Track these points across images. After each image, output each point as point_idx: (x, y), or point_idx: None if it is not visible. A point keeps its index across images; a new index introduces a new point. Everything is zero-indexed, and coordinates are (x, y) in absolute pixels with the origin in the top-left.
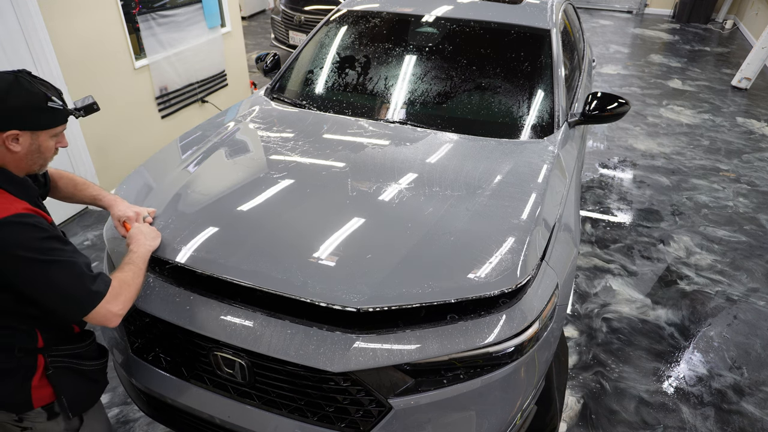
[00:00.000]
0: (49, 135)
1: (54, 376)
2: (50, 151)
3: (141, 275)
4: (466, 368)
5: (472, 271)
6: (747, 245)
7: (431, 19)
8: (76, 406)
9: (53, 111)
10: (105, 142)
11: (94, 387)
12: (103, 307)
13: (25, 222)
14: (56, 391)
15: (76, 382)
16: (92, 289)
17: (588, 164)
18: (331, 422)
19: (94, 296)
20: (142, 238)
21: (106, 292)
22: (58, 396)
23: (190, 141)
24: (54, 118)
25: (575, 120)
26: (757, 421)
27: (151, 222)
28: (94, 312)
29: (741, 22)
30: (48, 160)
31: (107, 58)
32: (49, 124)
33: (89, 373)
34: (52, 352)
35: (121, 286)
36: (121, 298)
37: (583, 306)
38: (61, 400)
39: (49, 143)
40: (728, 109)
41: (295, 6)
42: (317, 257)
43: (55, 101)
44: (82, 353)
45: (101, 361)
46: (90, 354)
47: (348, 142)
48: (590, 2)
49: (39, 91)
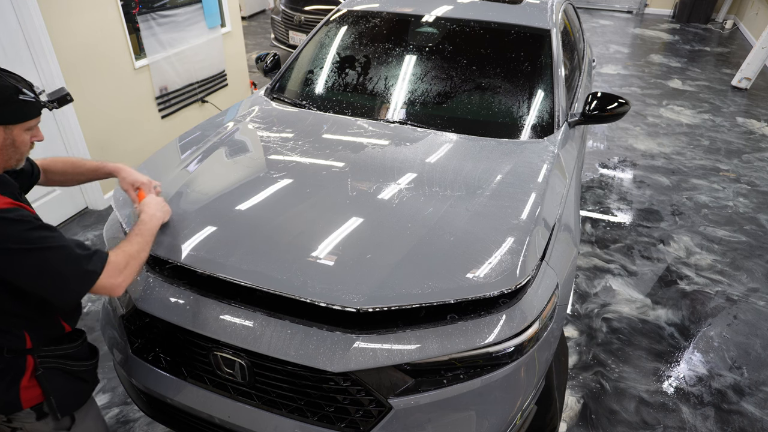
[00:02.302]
0: (23, 129)
1: (43, 377)
2: (25, 145)
3: (147, 248)
4: (466, 368)
5: (472, 271)
6: (747, 245)
7: (431, 19)
8: (65, 407)
9: (25, 104)
10: (105, 142)
11: (84, 387)
12: (104, 280)
13: (9, 217)
14: (45, 391)
15: (65, 383)
16: (88, 268)
17: (588, 164)
18: (331, 422)
19: (91, 275)
20: (153, 208)
21: (102, 269)
22: (47, 397)
23: (190, 141)
24: (26, 111)
25: (575, 120)
26: (757, 421)
27: (159, 192)
28: (96, 287)
29: (741, 22)
30: (24, 155)
31: (107, 58)
32: (21, 117)
33: (79, 373)
34: (41, 353)
35: (126, 259)
36: (126, 272)
37: (583, 306)
38: (50, 401)
39: (23, 137)
40: (728, 109)
41: (295, 6)
42: (317, 257)
43: (27, 94)
44: (72, 354)
45: (91, 362)
46: (80, 354)
47: (348, 142)
48: (590, 2)
49: (9, 84)
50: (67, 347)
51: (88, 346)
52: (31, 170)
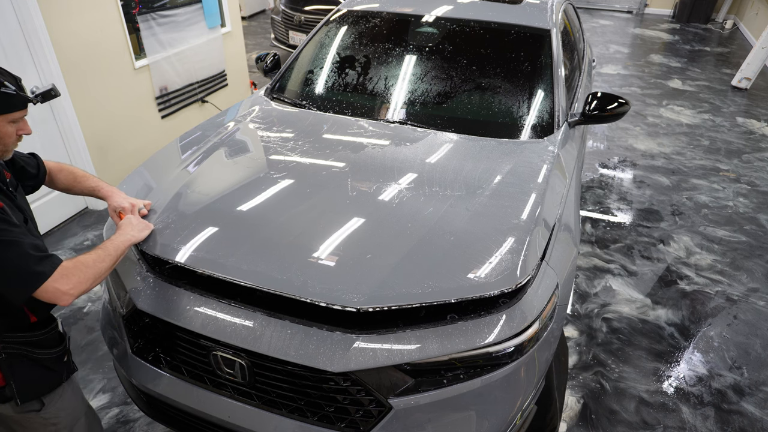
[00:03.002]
0: (6, 121)
1: (4, 362)
2: (10, 137)
3: (108, 260)
4: (466, 368)
5: (472, 271)
6: (747, 245)
7: (431, 19)
8: (26, 393)
9: (6, 96)
10: (105, 142)
11: (48, 374)
12: (50, 285)
13: None
14: (5, 376)
15: (28, 370)
16: (36, 269)
17: (588, 164)
18: (331, 422)
19: (38, 276)
20: (127, 228)
21: (52, 272)
22: (7, 382)
23: (190, 141)
24: (7, 103)
25: (575, 120)
26: (757, 421)
27: (146, 214)
28: (41, 290)
29: (741, 22)
30: (9, 146)
31: (107, 58)
32: (3, 109)
33: (44, 361)
34: (4, 338)
35: (76, 266)
36: (73, 279)
37: (583, 306)
38: (11, 386)
39: (7, 129)
40: (728, 109)
41: (295, 6)
42: (317, 257)
43: (8, 86)
44: (37, 341)
45: (57, 349)
46: (46, 343)
47: (348, 142)
48: (590, 2)
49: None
50: (32, 335)
51: (57, 333)
52: (37, 170)
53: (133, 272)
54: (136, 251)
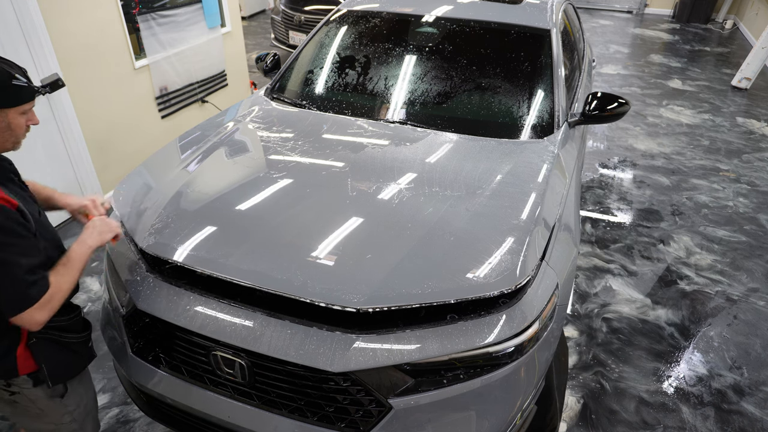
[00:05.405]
0: (18, 112)
1: (35, 346)
2: (21, 128)
3: (75, 276)
4: (466, 368)
5: (471, 272)
6: (747, 245)
7: (431, 19)
8: (56, 376)
9: (18, 88)
10: (105, 141)
11: (75, 358)
12: (28, 314)
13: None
14: (37, 360)
15: (57, 353)
16: (26, 292)
17: (588, 164)
18: (331, 422)
19: (25, 301)
20: (90, 232)
21: (38, 299)
22: (38, 365)
23: (190, 141)
24: (19, 95)
25: (575, 120)
26: (757, 421)
27: (108, 208)
28: (18, 317)
29: (741, 22)
30: (20, 137)
31: (107, 58)
32: (15, 101)
33: (71, 345)
34: None
35: (53, 294)
36: (49, 306)
37: (583, 306)
38: (42, 369)
39: (18, 120)
40: (728, 109)
41: (295, 6)
42: (317, 257)
43: (20, 79)
44: (65, 326)
45: (84, 334)
46: (73, 327)
47: (348, 142)
48: (590, 2)
49: (3, 70)
50: (59, 319)
51: (82, 320)
52: None
53: (133, 272)
54: (136, 251)
